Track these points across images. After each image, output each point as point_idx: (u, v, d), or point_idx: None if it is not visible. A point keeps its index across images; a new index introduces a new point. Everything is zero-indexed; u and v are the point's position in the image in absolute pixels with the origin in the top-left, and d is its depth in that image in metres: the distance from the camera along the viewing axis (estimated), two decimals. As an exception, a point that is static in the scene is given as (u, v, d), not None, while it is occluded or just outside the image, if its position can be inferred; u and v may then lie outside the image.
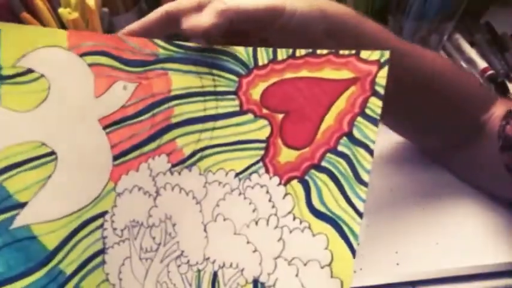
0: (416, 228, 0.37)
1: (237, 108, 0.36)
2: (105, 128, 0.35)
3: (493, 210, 0.39)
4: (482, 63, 0.52)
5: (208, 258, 0.33)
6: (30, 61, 0.35)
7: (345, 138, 0.33)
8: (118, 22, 0.47)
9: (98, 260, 0.33)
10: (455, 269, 0.35)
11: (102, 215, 0.34)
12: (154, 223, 0.34)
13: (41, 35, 0.36)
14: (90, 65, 0.36)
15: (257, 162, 0.35)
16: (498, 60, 0.53)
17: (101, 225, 0.34)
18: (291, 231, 0.32)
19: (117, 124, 0.35)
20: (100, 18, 0.42)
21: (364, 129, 0.33)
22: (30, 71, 0.34)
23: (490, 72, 0.51)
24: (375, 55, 0.34)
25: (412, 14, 0.43)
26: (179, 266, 0.33)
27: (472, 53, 0.54)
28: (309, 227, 0.32)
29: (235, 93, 0.36)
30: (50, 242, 0.32)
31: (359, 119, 0.33)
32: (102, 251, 0.33)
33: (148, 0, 0.49)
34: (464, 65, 0.53)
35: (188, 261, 0.33)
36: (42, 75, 0.35)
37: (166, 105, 0.36)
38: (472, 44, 0.55)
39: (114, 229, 0.34)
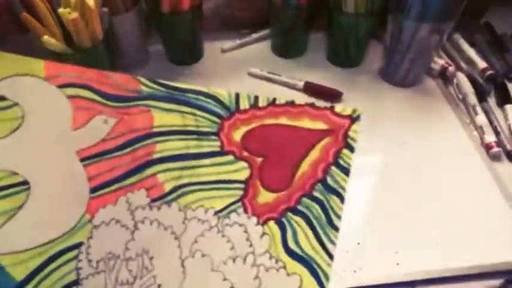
0: (417, 228, 0.37)
1: (219, 149, 0.37)
2: (82, 160, 0.36)
3: (493, 209, 0.39)
4: (481, 63, 0.52)
5: None
6: (2, 88, 0.35)
7: (319, 184, 0.36)
8: (118, 22, 0.47)
9: None
10: (455, 269, 0.35)
11: (77, 246, 0.34)
12: (131, 256, 0.34)
13: (15, 63, 0.36)
14: (69, 96, 0.36)
15: (236, 201, 0.36)
16: (498, 61, 0.53)
17: (76, 257, 0.34)
18: (267, 270, 0.34)
19: (95, 157, 0.36)
20: (100, 18, 0.42)
21: (336, 178, 0.36)
22: (1, 98, 0.35)
23: (490, 72, 0.50)
24: (347, 110, 0.37)
25: (412, 14, 0.43)
26: None
27: (472, 53, 0.53)
28: (284, 267, 0.34)
29: (217, 134, 0.38)
30: (18, 272, 0.32)
31: (332, 168, 0.37)
32: (76, 282, 0.33)
33: (148, 0, 0.49)
34: (463, 65, 0.53)
35: None
36: (15, 104, 0.35)
37: (148, 141, 0.37)
38: (472, 44, 0.54)
39: (90, 261, 0.34)
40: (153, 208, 0.35)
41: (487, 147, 0.42)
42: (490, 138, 0.43)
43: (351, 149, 0.37)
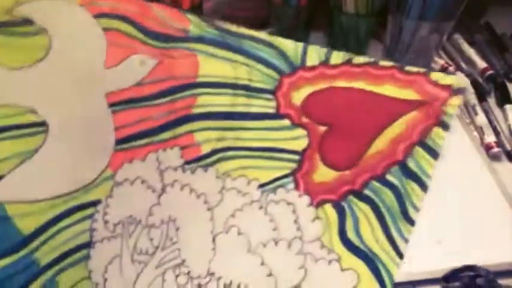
0: (417, 228, 0.37)
1: (273, 111, 0.31)
2: (112, 105, 0.30)
3: (493, 209, 0.39)
4: (481, 64, 0.51)
5: (213, 274, 0.29)
6: (29, 10, 0.29)
7: (396, 167, 0.30)
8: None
9: (82, 253, 0.29)
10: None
11: (94, 204, 0.29)
12: (154, 223, 0.30)
13: None
14: (104, 29, 0.30)
15: (287, 175, 0.31)
16: (498, 61, 0.53)
17: (91, 215, 0.29)
18: (316, 261, 0.29)
19: (127, 103, 0.30)
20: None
21: (420, 161, 0.30)
22: (28, 21, 0.28)
23: (490, 72, 0.50)
24: (448, 79, 0.29)
25: (412, 14, 0.43)
26: (177, 276, 0.29)
27: (472, 53, 0.53)
28: (338, 260, 0.29)
29: (273, 92, 0.31)
30: (26, 226, 0.27)
31: (417, 148, 0.30)
32: (88, 245, 0.29)
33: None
34: (463, 65, 0.53)
35: (189, 273, 0.29)
36: (43, 30, 0.29)
37: (189, 92, 0.31)
38: (472, 44, 0.55)
39: (106, 222, 0.29)
40: (186, 171, 0.31)
41: (487, 147, 0.42)
42: (490, 138, 0.42)
43: (445, 128, 0.30)
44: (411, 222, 0.29)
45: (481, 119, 0.44)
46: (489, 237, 0.35)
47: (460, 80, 0.30)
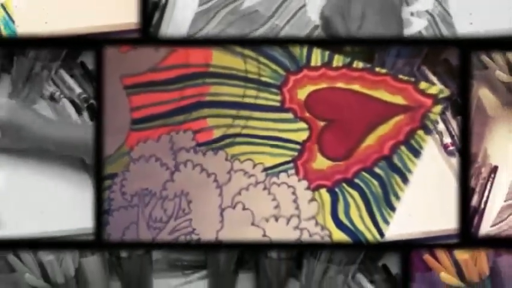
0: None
1: (278, 104, 0.33)
2: (127, 88, 0.32)
3: (448, 188, 0.41)
4: (440, 86, 0.49)
5: (220, 242, 0.31)
6: None
7: (383, 161, 0.32)
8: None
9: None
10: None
11: (111, 177, 0.31)
12: (168, 196, 0.31)
13: None
14: None
15: (288, 162, 0.33)
16: (453, 84, 0.52)
17: (109, 187, 0.31)
18: (310, 235, 0.31)
19: (142, 87, 0.32)
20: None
21: (404, 158, 0.32)
22: None
23: (447, 93, 0.53)
24: (433, 89, 0.32)
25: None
26: (189, 241, 0.31)
27: (434, 79, 0.54)
28: (330, 236, 0.31)
29: (279, 87, 0.33)
30: None
31: (402, 147, 0.32)
32: (106, 212, 0.31)
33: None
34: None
35: (199, 240, 0.31)
36: None
37: (201, 81, 0.32)
38: (435, 73, 0.56)
39: (123, 193, 0.31)
40: (197, 152, 0.32)
41: (445, 146, 0.48)
42: (447, 140, 0.49)
43: (428, 131, 0.33)
44: (392, 208, 0.32)
45: (441, 126, 0.50)
46: (445, 209, 0.40)
47: (444, 90, 0.33)
